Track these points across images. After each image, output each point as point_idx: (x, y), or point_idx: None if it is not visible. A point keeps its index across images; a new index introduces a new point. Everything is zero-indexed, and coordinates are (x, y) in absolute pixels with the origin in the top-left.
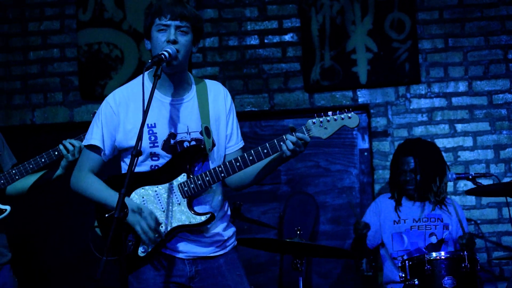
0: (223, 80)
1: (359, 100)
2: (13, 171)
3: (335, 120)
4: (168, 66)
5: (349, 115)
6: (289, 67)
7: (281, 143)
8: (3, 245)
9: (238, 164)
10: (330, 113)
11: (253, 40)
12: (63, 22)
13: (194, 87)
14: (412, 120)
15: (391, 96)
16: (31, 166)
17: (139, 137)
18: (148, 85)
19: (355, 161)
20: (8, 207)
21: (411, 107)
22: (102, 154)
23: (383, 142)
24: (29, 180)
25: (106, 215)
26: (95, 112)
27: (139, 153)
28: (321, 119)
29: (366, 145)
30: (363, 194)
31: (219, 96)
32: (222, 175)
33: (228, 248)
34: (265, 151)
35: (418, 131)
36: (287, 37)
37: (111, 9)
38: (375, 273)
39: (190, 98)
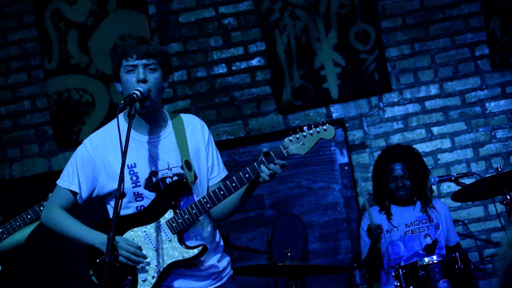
0: (196, 112)
1: (333, 115)
2: (0, 230)
3: (311, 134)
4: (142, 107)
5: (324, 127)
6: (260, 91)
7: (261, 165)
8: None
9: (222, 192)
10: (305, 128)
11: (221, 69)
12: (30, 73)
13: (170, 123)
14: (388, 129)
15: (365, 107)
16: (17, 223)
17: (121, 179)
18: (124, 126)
19: (337, 177)
20: None
21: (385, 116)
22: (77, 198)
23: (362, 154)
24: (25, 232)
25: (97, 260)
26: None
27: (123, 195)
28: (297, 136)
29: (345, 159)
30: (348, 208)
31: (196, 129)
32: (208, 205)
33: (224, 279)
34: (247, 175)
35: (395, 139)
36: (254, 62)
37: (77, 54)
38: (369, 285)
39: (167, 134)
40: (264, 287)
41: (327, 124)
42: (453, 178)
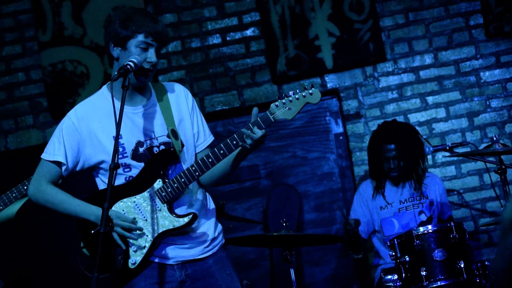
0: (190, 82)
1: (328, 85)
2: None
3: (297, 98)
4: (139, 81)
5: (310, 91)
6: (254, 62)
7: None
8: None
9: (210, 160)
10: (291, 92)
11: (216, 39)
12: (25, 45)
13: (153, 93)
14: (382, 98)
15: (359, 77)
16: (14, 195)
17: (115, 150)
18: (108, 96)
19: (332, 147)
20: None
21: (380, 86)
22: (63, 169)
23: (356, 124)
24: (15, 207)
25: (92, 232)
26: None
27: (117, 166)
28: (283, 101)
29: (340, 129)
30: (344, 178)
31: (180, 97)
32: (197, 173)
33: (216, 248)
34: (234, 142)
35: (390, 108)
36: (249, 32)
37: (71, 26)
38: (365, 255)
39: (152, 104)
40: (259, 257)
41: (313, 88)
42: (447, 147)
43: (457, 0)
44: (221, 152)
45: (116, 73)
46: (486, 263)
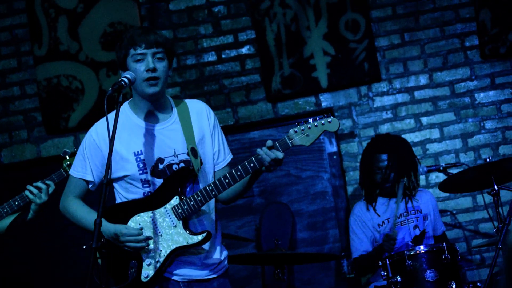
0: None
1: (323, 104)
2: None
3: (316, 126)
4: (150, 96)
5: (329, 119)
6: (249, 80)
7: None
8: None
9: (227, 181)
10: (310, 119)
11: (211, 57)
12: (20, 59)
13: (175, 109)
14: (377, 118)
15: (354, 97)
16: (5, 210)
17: (108, 166)
18: (130, 113)
19: (325, 166)
20: None
21: (374, 106)
22: (90, 186)
23: (350, 143)
24: (5, 222)
25: (84, 247)
26: (65, 151)
27: (109, 182)
28: (302, 127)
29: (334, 149)
30: (337, 197)
31: (202, 114)
32: (213, 193)
33: (221, 271)
34: (252, 164)
35: (384, 128)
36: (244, 50)
37: (66, 41)
38: (360, 276)
39: (173, 121)
40: (252, 275)
41: (331, 117)
42: (441, 168)
43: (453, 21)
44: (238, 173)
45: (110, 89)
46: (478, 284)
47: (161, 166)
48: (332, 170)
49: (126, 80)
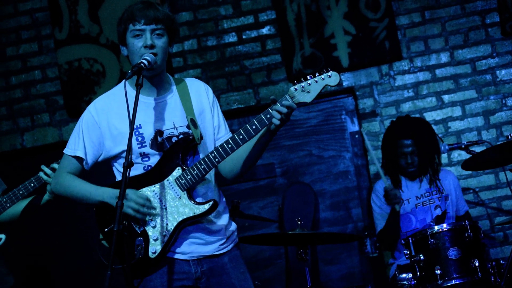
0: (206, 81)
1: (344, 83)
2: (4, 199)
3: (316, 82)
4: (148, 70)
5: (329, 74)
6: (270, 60)
7: (268, 115)
8: (4, 272)
9: (229, 146)
10: (309, 76)
11: (231, 38)
12: (41, 43)
13: (173, 84)
14: (398, 97)
15: (375, 76)
16: (21, 192)
17: (129, 148)
18: (131, 92)
19: (347, 145)
20: (3, 236)
21: (396, 84)
22: (84, 164)
23: (372, 122)
24: (20, 206)
25: (106, 229)
26: None
27: (131, 164)
28: (302, 84)
29: (356, 128)
30: (359, 176)
31: (200, 90)
32: (216, 160)
33: (231, 246)
34: (254, 127)
35: (406, 107)
36: (265, 30)
37: (87, 24)
38: (380, 253)
39: (172, 95)
40: (274, 255)
41: (331, 71)
42: (463, 146)
43: None
44: (241, 137)
45: (130, 71)
46: (501, 261)
47: (160, 139)
48: (354, 149)
49: (145, 62)
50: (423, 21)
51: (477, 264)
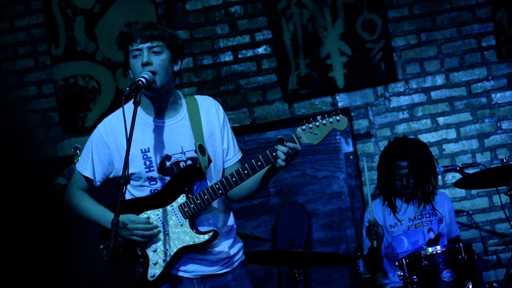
0: None
1: (339, 104)
2: None
3: (324, 124)
4: (148, 90)
5: (337, 118)
6: (266, 80)
7: (274, 153)
8: None
9: (234, 179)
10: (319, 117)
11: (227, 57)
12: (37, 59)
13: (184, 106)
14: (393, 118)
15: (370, 97)
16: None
17: (125, 166)
18: (141, 113)
19: (341, 166)
20: None
21: (391, 106)
22: (92, 183)
23: (367, 143)
24: None
25: (101, 246)
26: (76, 146)
27: (127, 181)
28: (310, 125)
29: (350, 149)
30: (353, 197)
31: (210, 111)
32: (220, 192)
33: (235, 264)
34: (259, 163)
35: (401, 128)
36: (261, 50)
37: (83, 41)
38: (373, 275)
39: (181, 118)
40: (267, 275)
41: (340, 115)
42: (458, 168)
43: (470, 21)
44: (245, 172)
45: (128, 88)
46: (495, 284)
47: (168, 164)
48: (349, 170)
49: (143, 80)
50: (419, 43)
51: (470, 287)
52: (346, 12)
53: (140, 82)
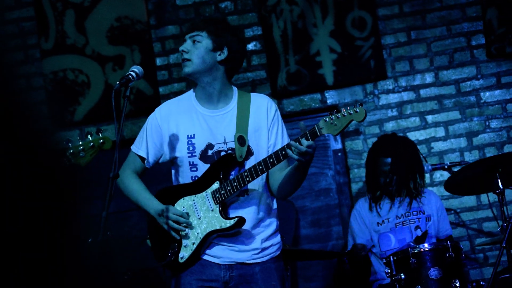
0: None
1: (328, 101)
2: None
3: (344, 116)
4: (185, 74)
5: (356, 109)
6: (255, 76)
7: (283, 152)
8: None
9: (260, 167)
10: (342, 109)
11: None
12: (27, 52)
13: (236, 99)
14: (382, 116)
15: (359, 94)
16: None
17: (116, 160)
18: (192, 98)
19: (330, 163)
20: None
21: (380, 103)
22: (145, 163)
23: (355, 141)
24: None
25: (89, 240)
26: (68, 139)
27: (116, 176)
28: (332, 116)
29: (339, 146)
30: (341, 194)
31: (261, 107)
32: (248, 179)
33: (266, 258)
34: (283, 152)
35: (389, 126)
36: (251, 46)
37: (73, 35)
38: (357, 272)
39: (230, 110)
40: None
41: (359, 106)
42: (446, 166)
43: (460, 20)
44: (271, 160)
45: (118, 82)
46: (481, 282)
47: (210, 152)
48: (337, 167)
49: (133, 74)
50: (408, 41)
51: (457, 285)
52: (336, 9)
53: (130, 76)
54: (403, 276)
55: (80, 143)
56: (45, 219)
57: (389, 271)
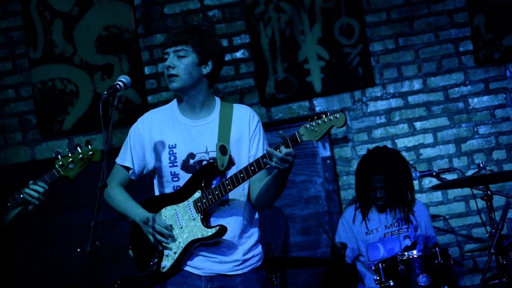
0: None
1: (316, 109)
2: None
3: (324, 122)
4: (172, 90)
5: (336, 115)
6: (243, 84)
7: (264, 159)
8: None
9: (242, 175)
10: (323, 115)
11: None
12: (15, 62)
13: (218, 110)
14: (370, 123)
15: (348, 101)
16: (9, 204)
17: (103, 170)
18: (175, 108)
19: (319, 170)
20: None
21: (368, 111)
22: (131, 173)
23: (344, 148)
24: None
25: (78, 250)
26: (57, 151)
27: (104, 185)
28: (312, 123)
29: (327, 153)
30: (330, 202)
31: (243, 118)
32: (229, 187)
33: (247, 269)
34: (264, 159)
35: (378, 133)
36: (238, 54)
37: (61, 44)
38: (349, 279)
39: (212, 120)
40: None
41: (339, 112)
42: (434, 173)
43: (447, 26)
44: (252, 168)
45: (105, 92)
46: None
47: (191, 161)
48: (326, 174)
49: (121, 83)
50: (396, 47)
51: None
52: (324, 16)
53: (117, 86)
54: (392, 283)
55: (70, 155)
56: None
57: (378, 278)
